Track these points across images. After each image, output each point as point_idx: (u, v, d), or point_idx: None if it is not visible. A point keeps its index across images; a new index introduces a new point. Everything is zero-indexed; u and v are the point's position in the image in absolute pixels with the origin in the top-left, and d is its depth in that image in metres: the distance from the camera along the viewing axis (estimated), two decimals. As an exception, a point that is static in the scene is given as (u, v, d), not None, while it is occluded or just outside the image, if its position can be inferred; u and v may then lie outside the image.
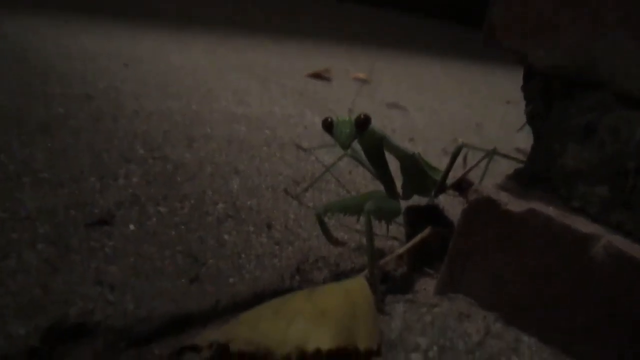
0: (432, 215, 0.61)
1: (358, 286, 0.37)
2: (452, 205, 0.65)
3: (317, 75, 1.27)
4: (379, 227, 0.51)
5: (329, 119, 0.45)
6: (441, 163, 0.79)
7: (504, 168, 0.80)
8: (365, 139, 0.46)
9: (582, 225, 0.39)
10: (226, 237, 0.46)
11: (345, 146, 0.44)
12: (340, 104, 1.03)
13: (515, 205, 0.41)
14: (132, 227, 0.45)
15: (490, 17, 0.43)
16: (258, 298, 0.41)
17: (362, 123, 0.44)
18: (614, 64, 0.38)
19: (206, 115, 0.76)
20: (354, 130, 0.44)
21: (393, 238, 0.54)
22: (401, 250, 0.45)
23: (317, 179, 0.59)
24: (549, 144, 0.43)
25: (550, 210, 0.40)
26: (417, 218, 0.59)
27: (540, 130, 0.45)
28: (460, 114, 1.21)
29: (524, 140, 1.07)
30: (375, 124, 0.46)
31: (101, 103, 0.73)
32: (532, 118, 0.45)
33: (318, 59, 1.56)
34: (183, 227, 0.46)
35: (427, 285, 0.49)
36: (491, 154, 0.55)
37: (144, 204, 0.48)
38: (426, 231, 0.43)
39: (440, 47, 2.52)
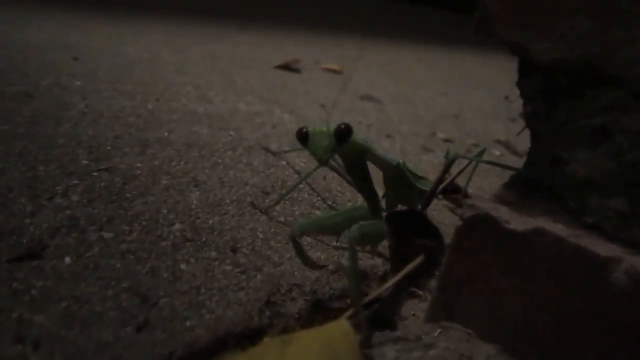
0: (417, 224, 0.55)
1: (340, 332, 0.31)
2: (436, 210, 0.59)
3: (286, 67, 1.19)
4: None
5: (304, 129, 0.38)
6: (421, 161, 0.73)
7: (489, 166, 0.75)
8: (345, 151, 0.40)
9: (598, 246, 0.33)
10: (183, 267, 0.40)
11: (323, 161, 0.37)
12: (310, 98, 0.96)
13: (518, 222, 0.35)
14: (67, 260, 0.37)
15: (484, 3, 0.37)
16: (221, 343, 0.34)
17: (343, 134, 0.37)
18: (634, 57, 0.32)
19: (163, 115, 0.68)
20: (333, 142, 0.37)
21: (376, 254, 0.48)
22: (388, 285, 0.39)
23: (289, 191, 0.52)
24: (554, 148, 0.38)
25: (559, 229, 0.34)
26: (400, 228, 0.53)
27: (541, 133, 0.39)
28: (436, 104, 1.16)
29: (504, 131, 1.03)
30: (349, 119, 0.40)
31: (42, 103, 0.65)
32: (532, 119, 0.40)
33: (287, 49, 1.48)
34: (131, 257, 0.39)
35: (415, 310, 0.43)
36: (478, 161, 0.49)
37: (84, 229, 0.41)
38: (417, 260, 0.37)
39: (413, 34, 2.47)
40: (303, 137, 0.38)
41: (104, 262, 0.38)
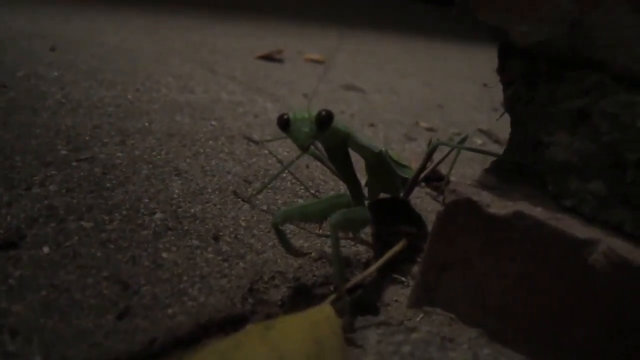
0: (399, 210, 0.55)
1: (323, 317, 0.31)
2: (419, 197, 0.59)
3: (268, 57, 1.19)
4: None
5: (285, 116, 0.38)
6: (404, 150, 0.74)
7: (471, 154, 0.76)
8: (327, 137, 0.40)
9: (577, 228, 0.33)
10: (165, 255, 0.39)
11: (304, 147, 0.37)
12: (293, 88, 0.95)
13: (499, 206, 0.36)
14: (45, 249, 0.37)
15: (464, -13, 0.37)
16: (203, 330, 0.34)
17: (324, 121, 0.37)
18: (613, 40, 0.32)
19: (143, 105, 0.68)
20: (314, 128, 0.37)
21: (359, 241, 0.48)
22: (371, 269, 0.39)
23: (272, 180, 0.52)
24: (533, 132, 0.38)
25: (539, 212, 0.35)
26: (383, 214, 0.53)
27: (521, 117, 0.39)
28: (420, 94, 1.16)
29: (486, 120, 1.03)
30: (332, 108, 0.40)
31: (18, 93, 0.63)
32: (512, 103, 0.40)
33: (269, 39, 1.47)
34: (112, 245, 0.39)
35: (398, 296, 0.43)
36: (459, 148, 0.49)
37: (63, 219, 0.40)
38: (399, 245, 0.37)
39: (396, 23, 2.47)
40: (284, 123, 0.38)
41: (84, 251, 0.37)
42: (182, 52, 1.07)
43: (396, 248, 0.37)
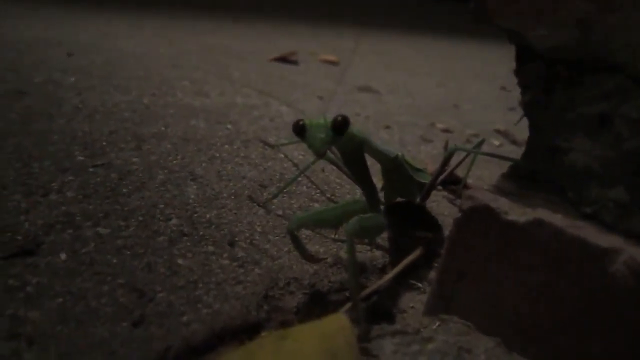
0: (416, 215, 0.55)
1: (337, 326, 0.30)
2: (435, 201, 0.59)
3: (283, 59, 1.19)
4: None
5: (301, 122, 0.38)
6: (420, 152, 0.73)
7: (485, 148, 0.75)
8: (343, 143, 0.39)
9: (598, 236, 0.33)
10: (180, 261, 0.39)
11: (321, 154, 0.37)
12: (308, 90, 0.95)
13: (517, 213, 0.35)
14: (63, 256, 0.37)
15: (481, -9, 0.37)
16: (218, 338, 0.34)
17: (340, 126, 0.37)
18: (633, 42, 0.31)
19: (159, 110, 0.68)
20: (330, 134, 0.37)
21: (375, 246, 0.47)
22: (386, 278, 0.38)
23: (288, 184, 0.52)
24: (552, 138, 0.37)
25: (558, 220, 0.34)
26: (400, 219, 0.52)
27: (539, 122, 0.39)
28: (435, 94, 1.15)
29: (503, 121, 1.02)
30: (347, 110, 0.39)
31: (35, 100, 0.64)
32: (530, 108, 0.39)
33: (283, 41, 1.47)
34: (127, 252, 0.39)
35: (414, 302, 0.43)
36: (476, 153, 0.49)
37: (80, 226, 0.41)
38: (415, 253, 0.36)
39: (411, 24, 2.45)
40: (300, 129, 0.38)
41: (100, 258, 0.38)
42: (197, 55, 1.07)
43: (412, 256, 0.37)
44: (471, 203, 0.36)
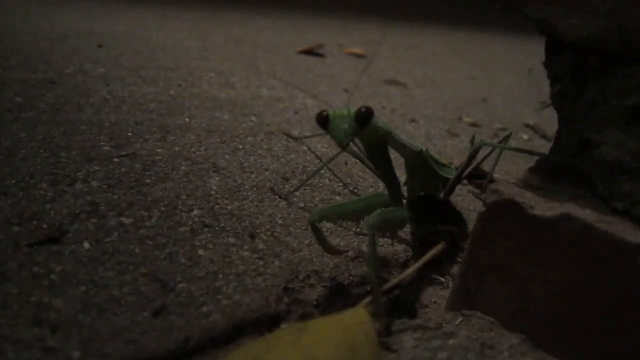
0: (440, 209, 0.54)
1: (357, 320, 0.30)
2: (460, 195, 0.58)
3: (309, 51, 1.18)
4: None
5: (324, 113, 0.37)
6: (446, 146, 0.72)
7: (514, 143, 0.73)
8: (366, 135, 0.39)
9: (629, 232, 0.31)
10: (201, 252, 0.39)
11: (344, 145, 0.36)
12: (334, 83, 0.95)
13: (544, 208, 0.34)
14: (86, 245, 0.38)
15: (509, -22, 0.36)
16: (237, 329, 0.34)
17: (364, 117, 0.36)
18: (671, 33, 0.30)
19: (185, 101, 0.68)
20: (354, 125, 0.36)
21: (397, 240, 0.47)
22: (407, 272, 0.38)
23: (310, 177, 0.52)
24: (582, 130, 0.36)
25: (587, 214, 0.33)
26: (423, 213, 0.52)
27: (569, 114, 0.37)
28: (463, 88, 1.13)
29: (533, 115, 1.00)
30: (373, 103, 0.39)
31: (66, 90, 0.65)
32: (560, 100, 0.38)
33: (310, 33, 1.47)
34: (150, 242, 0.39)
35: (437, 297, 0.42)
36: (503, 148, 0.47)
37: (104, 215, 0.41)
38: (437, 247, 0.36)
39: (439, 16, 2.42)
40: (323, 120, 0.38)
41: (123, 248, 0.38)
42: (224, 47, 1.08)
43: (434, 251, 0.36)
44: (496, 197, 0.35)
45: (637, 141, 0.32)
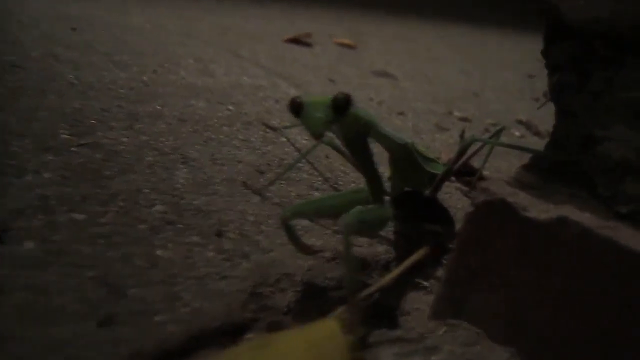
0: (426, 206, 0.50)
1: (326, 333, 0.26)
2: (448, 193, 0.54)
3: (297, 41, 1.14)
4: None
5: (298, 99, 0.33)
6: (434, 140, 0.68)
7: (505, 139, 0.69)
8: (345, 125, 0.35)
9: (634, 240, 0.28)
10: (160, 253, 0.36)
11: (318, 134, 0.33)
12: (320, 73, 0.91)
13: (538, 210, 0.31)
14: (29, 245, 0.34)
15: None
16: (195, 341, 0.30)
17: (341, 105, 0.32)
18: (687, 15, 0.27)
19: (158, 88, 0.64)
20: (330, 114, 0.32)
21: (377, 239, 0.43)
22: (387, 279, 0.34)
23: (286, 170, 0.48)
24: (584, 125, 0.32)
25: (586, 219, 0.29)
26: (408, 210, 0.48)
27: (570, 107, 0.34)
28: (455, 81, 1.10)
29: (526, 111, 0.96)
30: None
31: (29, 74, 0.61)
32: (559, 90, 0.34)
33: (300, 23, 1.43)
34: (102, 241, 0.35)
35: (420, 303, 0.38)
36: (494, 144, 0.44)
37: (53, 210, 0.37)
38: (421, 251, 0.32)
39: (434, 9, 2.38)
40: (296, 107, 0.34)
41: (71, 248, 0.34)
42: (208, 34, 1.03)
43: (415, 257, 0.32)
44: (486, 196, 0.32)
45: (645, 137, 0.29)
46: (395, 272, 0.33)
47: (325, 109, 0.33)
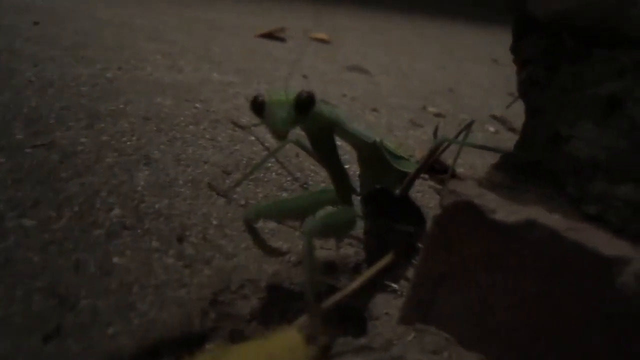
0: (397, 205, 0.49)
1: (286, 345, 0.25)
2: (420, 191, 0.53)
3: (270, 35, 1.12)
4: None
5: (260, 98, 0.32)
6: (408, 137, 0.67)
7: (480, 135, 0.69)
8: (309, 124, 0.34)
9: (602, 242, 0.27)
10: (116, 260, 0.34)
11: (280, 135, 0.31)
12: (293, 68, 0.89)
13: (507, 211, 0.30)
14: (-28, 253, 0.32)
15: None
16: (149, 354, 0.29)
17: (304, 104, 0.31)
18: (655, 10, 0.26)
19: (123, 85, 0.62)
20: (293, 113, 0.31)
21: (348, 241, 0.42)
22: (351, 288, 0.33)
23: (253, 169, 0.46)
24: (551, 122, 0.32)
25: (555, 221, 0.28)
26: (377, 208, 0.47)
27: (538, 104, 0.33)
28: (431, 76, 1.09)
29: (501, 106, 0.96)
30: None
31: (-16, 71, 0.58)
32: (527, 87, 0.33)
33: (274, 16, 1.41)
34: (54, 248, 0.33)
35: (389, 308, 0.37)
36: (464, 145, 0.43)
37: (2, 216, 0.35)
38: (387, 257, 0.31)
39: (411, 3, 2.37)
40: (258, 107, 0.32)
41: (19, 256, 0.32)
42: (177, 28, 1.01)
43: (380, 264, 0.31)
44: (453, 198, 0.31)
45: (614, 137, 0.28)
46: (360, 279, 0.31)
47: (288, 108, 0.31)
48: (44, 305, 0.29)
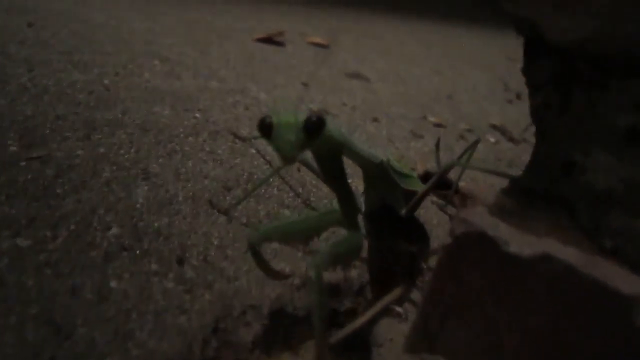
0: (401, 224, 0.48)
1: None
2: (423, 207, 0.52)
3: (268, 40, 1.11)
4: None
5: (268, 120, 0.31)
6: (409, 149, 0.66)
7: (483, 156, 0.68)
8: (318, 146, 0.33)
9: (620, 279, 0.26)
10: (113, 284, 0.33)
11: (289, 159, 0.30)
12: (292, 74, 0.88)
13: (520, 243, 0.29)
14: (-36, 277, 0.30)
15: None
16: (149, 387, 0.28)
17: (314, 128, 0.30)
18: (679, 42, 0.25)
19: (120, 92, 0.60)
20: (302, 137, 0.30)
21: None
22: (359, 323, 0.32)
23: (255, 188, 0.45)
24: (566, 150, 0.31)
25: (570, 255, 0.28)
26: (382, 228, 0.46)
27: (551, 130, 0.32)
28: (429, 83, 1.08)
29: (500, 114, 0.96)
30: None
31: (-23, 77, 0.56)
32: (541, 112, 0.33)
33: (272, 20, 1.39)
34: (49, 271, 0.32)
35: (394, 334, 0.37)
36: (472, 169, 0.42)
37: (-5, 236, 0.34)
38: (396, 292, 0.30)
39: (406, 5, 2.36)
40: (266, 129, 0.31)
41: (12, 279, 0.31)
42: (175, 31, 0.99)
43: (389, 298, 0.30)
44: (465, 228, 0.30)
45: (632, 168, 0.27)
46: (368, 314, 0.30)
47: (297, 132, 0.30)
48: (38, 334, 0.28)
